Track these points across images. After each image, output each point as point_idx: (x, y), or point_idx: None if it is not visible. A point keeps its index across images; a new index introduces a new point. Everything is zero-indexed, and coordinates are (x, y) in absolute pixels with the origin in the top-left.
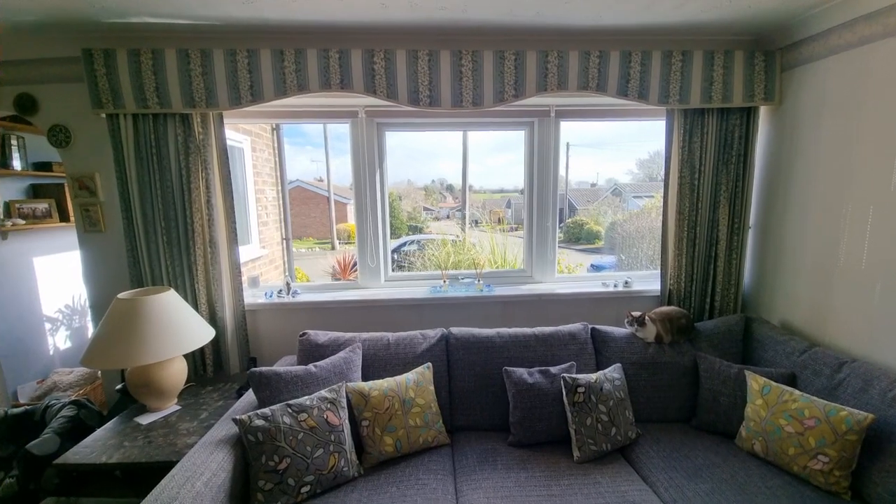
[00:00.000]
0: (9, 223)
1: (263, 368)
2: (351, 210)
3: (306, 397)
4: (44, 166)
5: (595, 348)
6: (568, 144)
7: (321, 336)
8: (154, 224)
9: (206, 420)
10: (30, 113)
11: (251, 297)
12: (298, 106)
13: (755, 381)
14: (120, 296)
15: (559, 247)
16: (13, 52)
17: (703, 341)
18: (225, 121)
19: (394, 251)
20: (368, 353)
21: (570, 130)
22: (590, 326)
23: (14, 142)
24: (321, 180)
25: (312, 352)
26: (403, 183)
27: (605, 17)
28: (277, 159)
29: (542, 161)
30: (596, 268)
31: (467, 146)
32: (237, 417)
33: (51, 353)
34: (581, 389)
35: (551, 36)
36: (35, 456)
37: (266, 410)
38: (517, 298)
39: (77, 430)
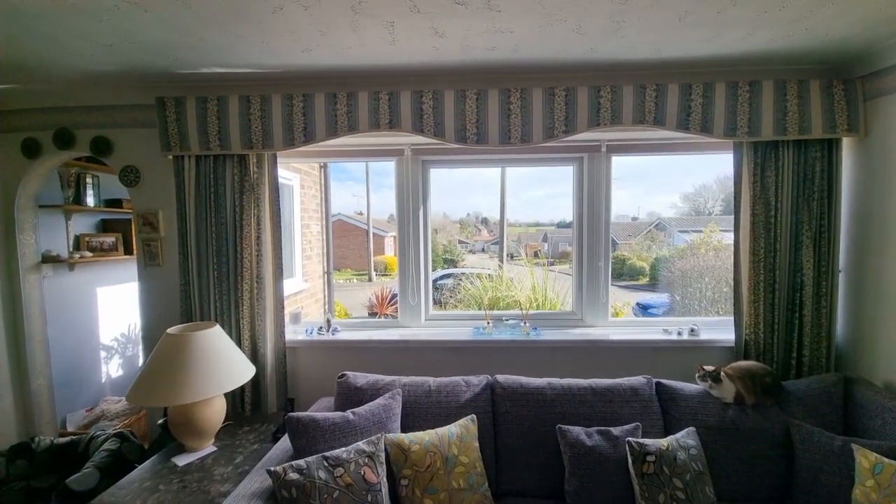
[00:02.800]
0: (76, 255)
1: (301, 414)
2: (389, 243)
3: (343, 449)
4: (114, 203)
5: (662, 407)
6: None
7: (360, 379)
8: (207, 259)
9: (240, 465)
10: (104, 154)
11: (292, 333)
12: (347, 145)
13: (865, 458)
14: (169, 331)
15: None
16: (92, 98)
17: (794, 405)
18: (278, 160)
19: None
20: (409, 400)
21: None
22: (654, 381)
23: (89, 180)
24: (360, 213)
25: (351, 395)
26: (439, 216)
27: (666, 50)
28: (323, 195)
29: (592, 198)
30: (643, 307)
31: (505, 180)
32: (271, 469)
33: (102, 380)
34: (651, 458)
35: (604, 71)
36: (73, 491)
37: (301, 462)
38: (567, 344)
39: (118, 464)
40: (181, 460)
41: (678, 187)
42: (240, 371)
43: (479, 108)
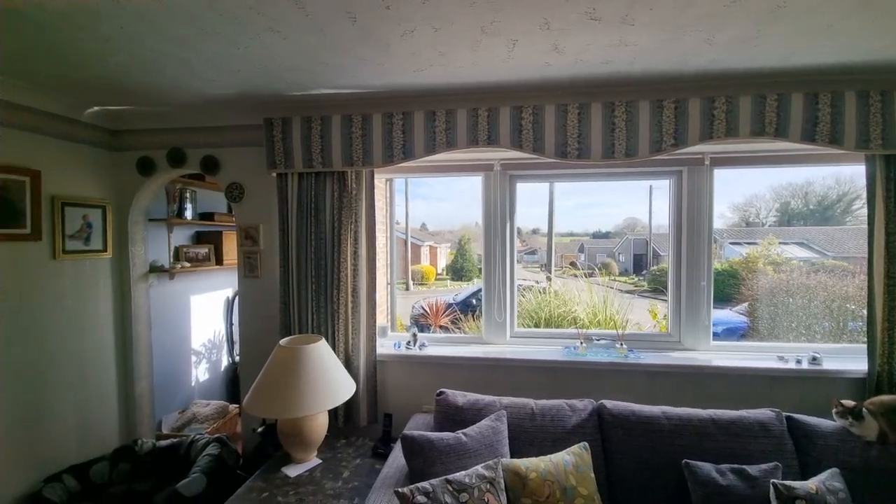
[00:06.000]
0: (177, 266)
1: (415, 433)
2: (424, 252)
3: (464, 473)
4: (207, 216)
5: (795, 444)
6: (651, 187)
7: (459, 397)
8: (306, 273)
9: (349, 480)
10: (212, 172)
11: (379, 346)
12: (435, 161)
13: None
14: (281, 343)
15: (641, 296)
16: (203, 119)
17: None
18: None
19: (471, 297)
20: (512, 423)
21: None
22: (783, 414)
23: (188, 195)
24: (398, 223)
25: (452, 414)
26: (472, 225)
27: (796, 58)
28: (389, 209)
29: (692, 213)
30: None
31: (553, 192)
32: (400, 491)
33: (192, 384)
34: (799, 503)
35: (716, 81)
36: (183, 497)
37: (427, 486)
38: (668, 369)
39: (220, 469)
40: (291, 471)
41: (725, 197)
42: (345, 387)
43: (581, 122)
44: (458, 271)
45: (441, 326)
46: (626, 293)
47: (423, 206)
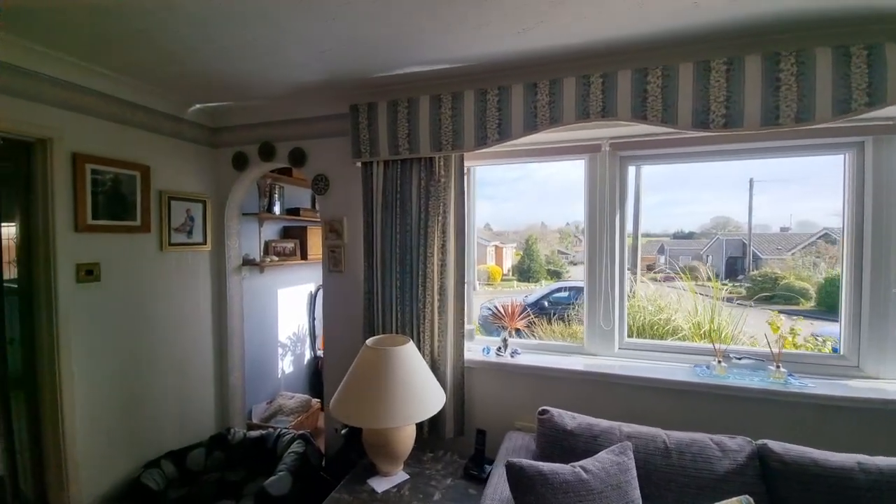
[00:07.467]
0: (267, 259)
1: (523, 462)
2: (490, 252)
3: None
4: (293, 211)
5: None
6: (752, 181)
7: (567, 418)
8: (391, 268)
9: (440, 503)
10: (300, 164)
11: (466, 351)
12: (525, 144)
13: None
14: (368, 343)
15: (738, 303)
16: (291, 111)
17: None
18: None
19: (542, 299)
20: (638, 458)
21: (753, 165)
22: None
23: (276, 190)
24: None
25: (558, 439)
26: (537, 225)
27: None
28: (468, 203)
29: (880, 197)
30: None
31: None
32: None
33: (279, 376)
34: None
35: None
36: (271, 496)
37: None
38: (847, 403)
39: (304, 468)
40: (378, 485)
41: (840, 190)
42: (435, 397)
43: (730, 81)
44: (524, 272)
45: (516, 330)
46: (720, 300)
47: (487, 206)
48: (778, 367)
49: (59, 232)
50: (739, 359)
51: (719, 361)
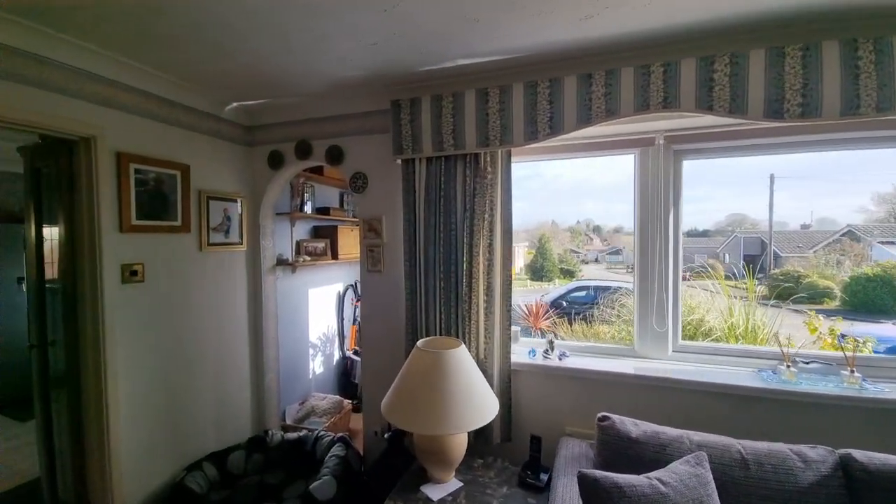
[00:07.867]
0: (300, 259)
1: (597, 474)
2: (518, 251)
3: None
4: (323, 211)
5: None
6: (772, 177)
7: (630, 426)
8: (434, 268)
9: None
10: (337, 162)
11: (512, 353)
12: (574, 139)
13: None
14: (419, 345)
15: (762, 303)
16: (328, 109)
17: None
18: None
19: (560, 298)
20: (714, 470)
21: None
22: None
23: (308, 190)
24: None
25: (622, 448)
26: (548, 223)
27: None
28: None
29: None
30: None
31: (681, 176)
32: None
33: (310, 377)
34: None
35: None
36: (317, 501)
37: None
38: None
39: (346, 471)
40: (432, 493)
41: (865, 186)
42: (490, 402)
43: (806, 68)
44: (537, 271)
45: (540, 329)
46: (755, 301)
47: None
48: (852, 371)
49: (105, 232)
50: (807, 363)
51: (788, 366)
